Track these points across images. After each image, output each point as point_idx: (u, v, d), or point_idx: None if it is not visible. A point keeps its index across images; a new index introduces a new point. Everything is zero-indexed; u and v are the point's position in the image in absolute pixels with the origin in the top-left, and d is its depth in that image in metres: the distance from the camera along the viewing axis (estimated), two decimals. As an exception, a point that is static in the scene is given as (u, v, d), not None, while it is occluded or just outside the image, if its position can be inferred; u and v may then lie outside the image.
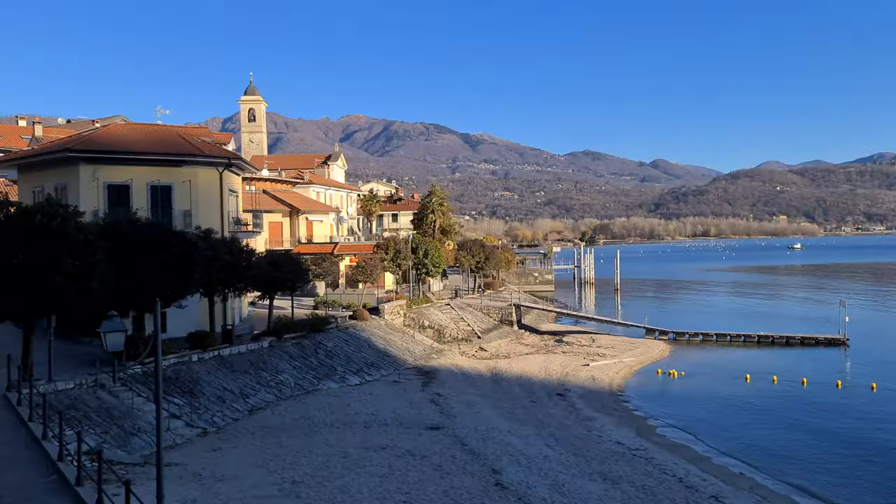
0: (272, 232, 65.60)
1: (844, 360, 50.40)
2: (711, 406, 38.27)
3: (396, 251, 59.27)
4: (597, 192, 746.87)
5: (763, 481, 26.36)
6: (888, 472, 27.13)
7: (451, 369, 44.63)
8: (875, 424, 33.87)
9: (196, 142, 40.68)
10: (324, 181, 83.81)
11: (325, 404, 31.83)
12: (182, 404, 27.33)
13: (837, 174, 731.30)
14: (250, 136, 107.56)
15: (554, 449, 27.01)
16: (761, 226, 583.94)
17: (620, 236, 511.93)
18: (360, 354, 42.75)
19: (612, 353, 53.26)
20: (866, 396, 39.47)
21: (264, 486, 19.92)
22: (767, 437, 32.25)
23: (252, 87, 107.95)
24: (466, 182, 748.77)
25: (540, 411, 34.56)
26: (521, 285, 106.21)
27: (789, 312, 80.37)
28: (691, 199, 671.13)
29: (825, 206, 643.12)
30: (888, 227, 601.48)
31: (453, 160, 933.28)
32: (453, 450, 25.07)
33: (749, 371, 45.95)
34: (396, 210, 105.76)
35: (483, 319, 62.63)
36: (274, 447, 24.12)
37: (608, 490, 22.02)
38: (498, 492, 20.54)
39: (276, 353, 37.16)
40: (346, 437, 25.98)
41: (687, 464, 27.21)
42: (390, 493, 19.67)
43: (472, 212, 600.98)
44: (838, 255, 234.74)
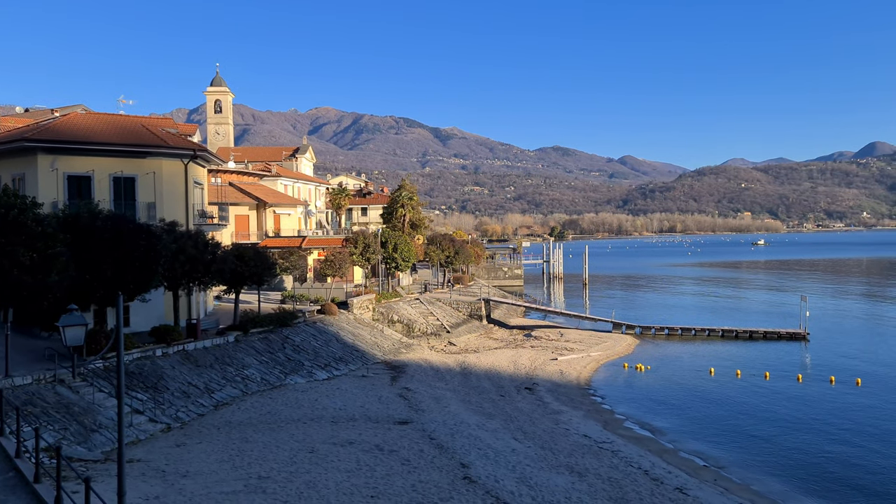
0: (239, 225, 64.80)
1: (805, 354, 51.39)
2: (677, 399, 38.74)
3: (365, 245, 58.94)
4: (566, 187, 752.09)
5: (726, 473, 26.77)
6: (846, 464, 27.71)
7: (421, 364, 44.53)
8: (833, 417, 34.57)
9: (160, 133, 39.94)
10: (292, 174, 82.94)
11: (293, 399, 31.53)
12: (145, 399, 26.85)
13: (800, 172, 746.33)
14: (216, 127, 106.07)
15: (522, 442, 27.08)
16: (726, 222, 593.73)
17: (589, 231, 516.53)
18: (328, 349, 42.44)
19: (579, 347, 53.63)
20: (825, 389, 40.29)
21: (230, 481, 19.65)
22: (731, 430, 32.73)
23: (219, 78, 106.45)
24: (436, 176, 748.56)
25: (508, 405, 34.64)
26: (491, 280, 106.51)
27: (752, 307, 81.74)
28: (658, 195, 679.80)
29: (788, 203, 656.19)
30: (847, 225, 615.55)
31: (423, 154, 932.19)
32: (422, 444, 25.00)
33: (713, 365, 46.65)
34: (366, 204, 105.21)
35: (452, 314, 62.63)
36: (240, 442, 23.81)
37: (575, 483, 22.14)
38: (466, 485, 20.52)
39: (243, 348, 36.72)
40: (313, 433, 25.75)
41: (652, 456, 27.50)
42: (358, 488, 19.53)
43: (442, 206, 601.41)
44: (800, 252, 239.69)
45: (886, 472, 26.63)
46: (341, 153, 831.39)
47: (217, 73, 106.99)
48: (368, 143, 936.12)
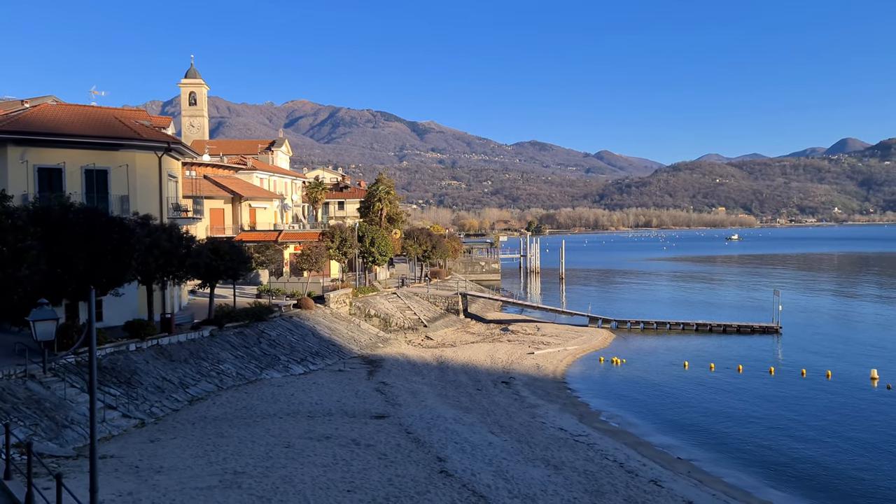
0: (214, 219, 64.20)
1: (777, 348, 52.14)
2: (652, 392, 39.12)
3: (342, 239, 58.71)
4: (543, 182, 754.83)
5: (700, 465, 27.11)
6: (817, 455, 28.18)
7: (397, 358, 44.51)
8: (804, 409, 35.14)
9: (134, 125, 39.39)
10: (268, 167, 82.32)
11: (268, 394, 31.36)
12: (118, 395, 26.54)
13: (773, 167, 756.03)
14: (191, 120, 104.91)
15: (498, 436, 27.18)
16: (701, 217, 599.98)
17: (566, 226, 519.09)
18: (304, 343, 42.25)
19: (556, 341, 53.93)
20: (797, 382, 40.92)
21: (205, 477, 19.50)
22: (705, 423, 33.14)
23: (193, 70, 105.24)
24: (414, 170, 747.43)
25: (485, 399, 34.75)
26: (468, 274, 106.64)
27: (726, 301, 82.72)
28: (634, 190, 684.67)
29: (761, 198, 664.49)
30: (819, 220, 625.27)
31: (400, 148, 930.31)
32: (398, 438, 25.00)
33: (688, 358, 47.16)
34: (343, 198, 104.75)
35: (429, 308, 62.64)
36: (215, 438, 23.63)
37: (551, 476, 22.27)
38: (443, 479, 20.56)
39: (218, 343, 36.44)
40: (289, 427, 25.63)
41: (628, 449, 27.76)
42: (334, 483, 19.49)
43: (420, 200, 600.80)
44: (773, 247, 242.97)
45: (853, 464, 27.13)
46: (318, 147, 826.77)
47: (192, 65, 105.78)
48: (345, 137, 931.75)
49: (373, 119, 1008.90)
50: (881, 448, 28.89)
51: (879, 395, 37.66)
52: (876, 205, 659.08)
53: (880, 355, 47.60)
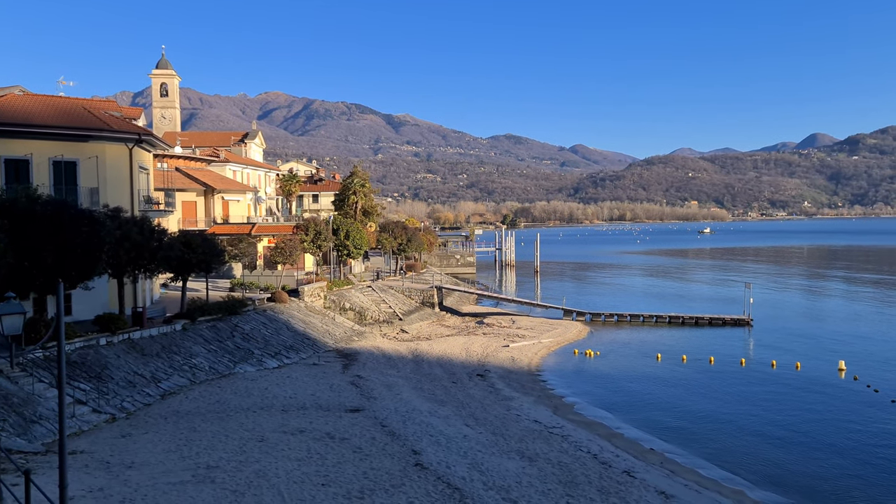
0: (186, 211, 63.48)
1: (748, 340, 52.89)
2: (625, 384, 39.48)
3: (317, 232, 58.37)
4: (518, 175, 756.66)
5: (672, 456, 27.42)
6: (787, 445, 28.67)
7: (372, 351, 44.42)
8: (774, 400, 35.70)
9: (103, 116, 38.75)
10: (241, 160, 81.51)
11: (242, 388, 31.12)
12: (88, 389, 26.17)
13: (745, 162, 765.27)
14: (162, 111, 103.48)
15: (473, 429, 27.26)
16: (674, 210, 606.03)
17: (541, 219, 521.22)
18: (278, 337, 41.99)
19: (531, 334, 54.18)
20: (767, 373, 41.56)
21: (177, 471, 19.31)
22: (677, 414, 33.53)
23: (164, 61, 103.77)
24: (389, 163, 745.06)
25: (460, 392, 34.82)
26: (443, 267, 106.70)
27: (698, 294, 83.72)
28: (608, 183, 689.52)
29: (733, 192, 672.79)
30: (789, 213, 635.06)
31: (375, 141, 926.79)
32: (373, 432, 24.96)
33: (660, 350, 47.67)
34: (317, 191, 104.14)
35: (405, 301, 62.58)
36: (187, 432, 23.41)
37: (525, 468, 22.39)
38: (418, 472, 20.58)
39: (190, 337, 36.07)
40: (263, 421, 25.46)
41: (601, 440, 27.99)
42: (308, 477, 19.41)
43: (395, 193, 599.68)
44: (744, 240, 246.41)
45: (820, 451, 27.64)
46: (292, 139, 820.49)
47: (163, 56, 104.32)
48: (320, 129, 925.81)
49: (347, 111, 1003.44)
50: (848, 437, 29.45)
51: (846, 386, 38.39)
52: (844, 199, 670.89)
53: (847, 347, 48.50)
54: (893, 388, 37.18)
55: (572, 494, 20.23)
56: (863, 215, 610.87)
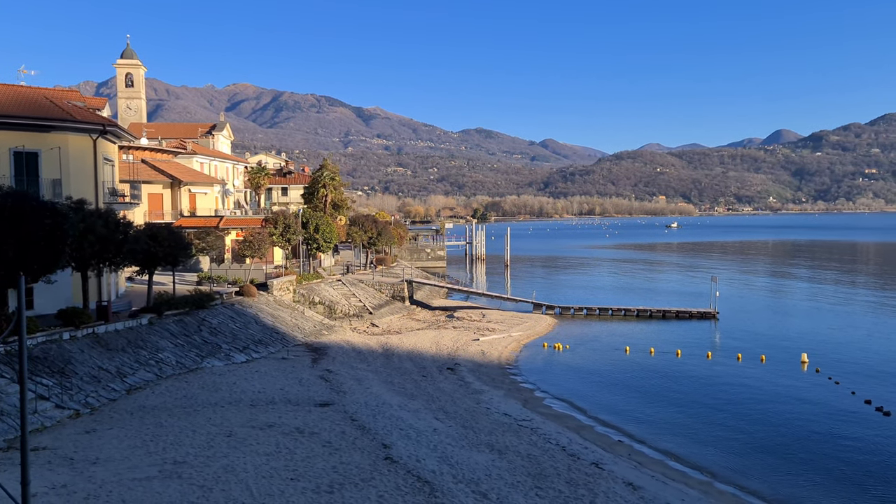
0: (152, 204, 62.47)
1: (714, 333, 53.71)
2: (594, 377, 39.86)
3: (286, 226, 57.87)
4: (489, 169, 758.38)
5: (640, 448, 27.78)
6: (752, 437, 29.20)
7: (342, 345, 44.24)
8: (740, 393, 36.32)
9: (66, 105, 37.92)
10: (208, 152, 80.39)
11: (210, 383, 30.78)
12: (51, 385, 25.66)
13: (712, 157, 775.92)
14: (128, 102, 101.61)
15: (443, 422, 27.31)
16: (642, 205, 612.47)
17: (511, 214, 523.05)
18: (246, 331, 41.60)
19: (501, 327, 54.40)
20: (733, 366, 42.25)
21: (143, 467, 19.07)
22: (645, 406, 33.95)
23: (129, 51, 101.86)
24: (359, 157, 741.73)
25: (430, 386, 34.84)
26: (414, 261, 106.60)
27: (666, 287, 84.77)
28: (578, 178, 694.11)
29: (700, 187, 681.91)
30: (755, 208, 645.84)
31: (345, 134, 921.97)
32: (343, 426, 24.87)
33: (629, 343, 48.20)
34: (286, 184, 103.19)
35: (375, 295, 62.40)
36: (154, 428, 23.10)
37: (495, 460, 22.50)
38: (388, 466, 20.56)
39: (157, 331, 35.56)
40: (231, 416, 25.23)
41: (570, 433, 28.23)
42: (277, 471, 19.29)
43: (365, 187, 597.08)
44: (711, 234, 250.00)
45: (785, 442, 28.20)
46: (260, 131, 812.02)
47: (128, 45, 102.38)
48: (289, 122, 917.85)
49: (317, 104, 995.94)
50: (810, 428, 30.08)
51: (809, 378, 39.20)
52: (808, 194, 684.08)
53: (810, 340, 49.51)
54: (853, 380, 38.06)
55: (541, 486, 20.38)
56: (825, 210, 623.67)
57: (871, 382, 37.50)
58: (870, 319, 59.17)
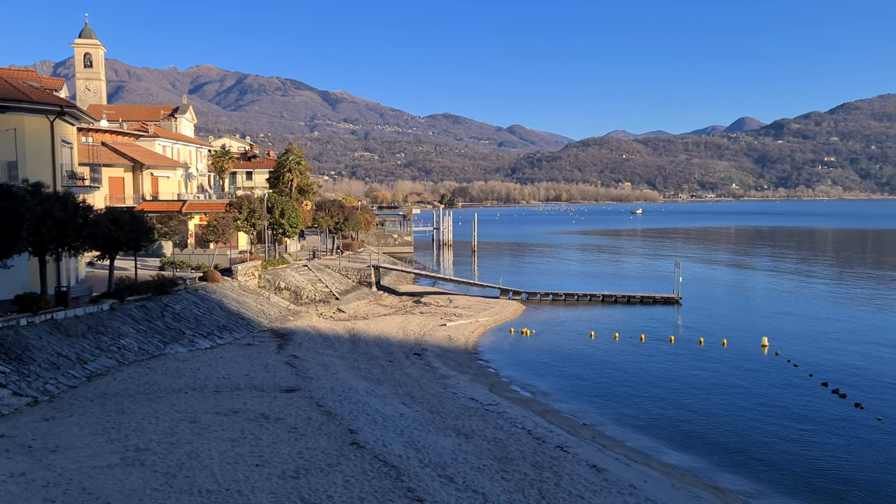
0: (113, 188, 61.25)
1: (677, 317, 54.53)
2: (560, 362, 40.22)
3: (251, 210, 57.18)
4: (456, 155, 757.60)
5: (604, 430, 28.16)
6: (712, 419, 29.78)
7: (308, 331, 43.97)
8: (702, 375, 36.98)
9: (21, 86, 36.85)
10: (171, 135, 78.97)
11: (173, 369, 30.37)
12: (8, 372, 25.07)
13: (676, 144, 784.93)
14: (87, 83, 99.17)
15: (410, 407, 27.34)
16: (608, 191, 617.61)
17: (478, 199, 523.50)
18: (210, 317, 41.10)
19: (468, 313, 54.55)
20: (695, 350, 42.98)
21: (105, 455, 18.78)
22: (609, 390, 34.38)
23: (88, 30, 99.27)
24: (325, 141, 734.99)
25: (397, 371, 34.84)
26: (381, 247, 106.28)
27: (631, 273, 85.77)
28: (545, 164, 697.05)
29: (665, 173, 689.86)
30: (718, 195, 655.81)
31: (312, 118, 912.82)
32: (309, 411, 24.76)
33: (594, 328, 48.71)
34: (251, 168, 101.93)
35: (341, 281, 62.09)
36: (115, 415, 22.74)
37: (461, 445, 22.61)
38: (354, 451, 20.53)
39: (118, 317, 34.94)
40: (195, 403, 24.94)
41: (536, 417, 28.48)
42: (242, 457, 19.14)
43: (332, 172, 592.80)
44: (675, 220, 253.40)
45: (745, 423, 28.81)
46: (224, 114, 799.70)
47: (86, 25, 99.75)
48: (253, 105, 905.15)
49: (282, 87, 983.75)
50: (769, 407, 30.78)
51: (768, 361, 40.06)
52: (769, 181, 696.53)
53: (770, 324, 50.56)
54: (811, 362, 39.00)
55: (507, 469, 20.54)
56: (786, 198, 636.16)
57: (828, 365, 38.47)
58: (827, 304, 60.61)
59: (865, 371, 37.33)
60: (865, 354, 41.21)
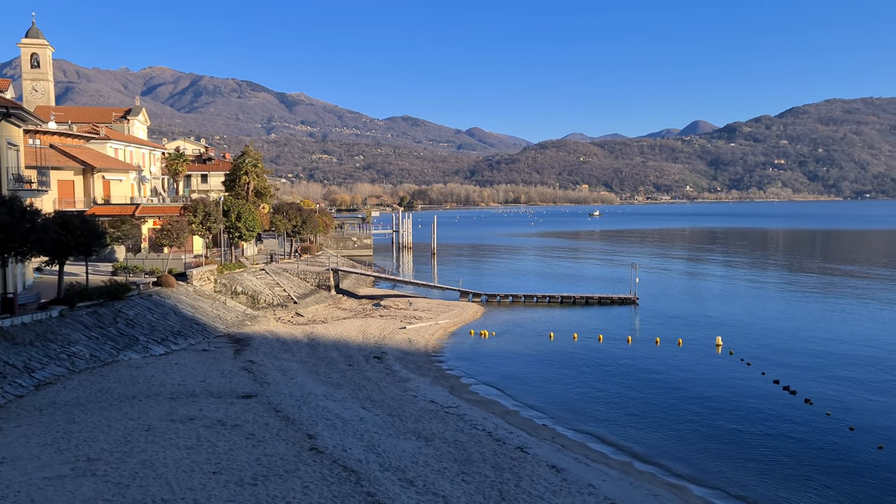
0: (62, 191, 59.61)
1: (634, 318, 55.28)
2: (519, 363, 40.41)
3: (206, 214, 56.21)
4: (415, 157, 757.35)
5: (563, 431, 28.35)
6: (669, 417, 30.22)
7: (266, 336, 43.40)
8: (659, 375, 37.53)
9: (-34, 86, 35.66)
10: (123, 137, 77.23)
11: (127, 376, 29.67)
12: (-48, 383, 24.21)
13: (632, 147, 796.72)
14: (34, 83, 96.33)
15: (370, 411, 27.16)
16: (566, 193, 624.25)
17: (438, 202, 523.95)
18: (165, 322, 40.28)
19: (428, 315, 54.48)
20: (651, 350, 43.62)
21: (54, 466, 18.23)
22: (568, 390, 34.65)
23: (35, 30, 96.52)
24: (283, 143, 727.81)
25: (357, 375, 34.60)
26: (340, 250, 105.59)
27: (589, 274, 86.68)
28: (504, 167, 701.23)
29: (621, 176, 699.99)
30: (673, 197, 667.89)
31: (268, 120, 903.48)
32: (267, 417, 24.41)
33: (553, 329, 49.06)
34: (206, 171, 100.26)
35: (300, 284, 61.46)
36: (65, 424, 22.11)
37: (421, 447, 22.53)
38: (313, 456, 20.30)
39: (69, 323, 34.01)
40: (149, 410, 24.38)
41: (496, 418, 28.54)
42: (198, 465, 18.77)
43: (289, 174, 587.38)
44: (631, 222, 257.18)
45: (700, 419, 29.32)
46: (179, 116, 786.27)
47: (33, 24, 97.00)
48: (208, 107, 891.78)
49: (238, 89, 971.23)
50: (725, 405, 31.37)
51: (722, 360, 40.85)
52: (722, 183, 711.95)
53: (724, 324, 51.58)
54: (763, 360, 39.91)
55: (467, 472, 20.53)
56: (739, 199, 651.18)
57: (780, 363, 39.40)
58: (778, 303, 62.11)
59: (814, 368, 38.34)
60: (814, 352, 42.33)
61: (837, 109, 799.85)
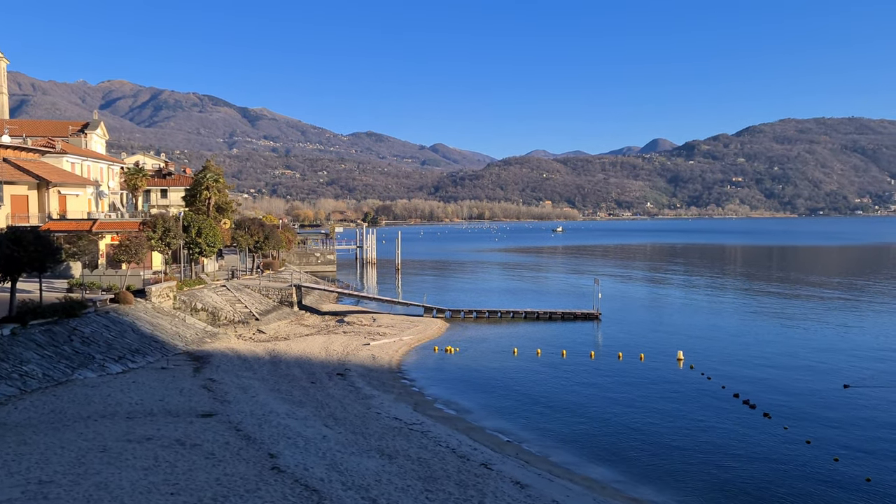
0: (16, 206, 58.22)
1: (597, 333, 55.72)
2: (484, 379, 40.38)
3: (165, 229, 55.29)
4: (379, 173, 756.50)
5: (527, 447, 28.34)
6: (630, 431, 30.43)
7: (227, 353, 42.71)
8: (621, 389, 37.82)
9: (-85, 97, 34.66)
10: (81, 151, 75.76)
11: (81, 396, 28.89)
12: None
13: (594, 164, 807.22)
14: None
15: (333, 429, 26.84)
16: (529, 210, 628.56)
17: (402, 217, 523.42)
18: (122, 340, 39.40)
19: (392, 331, 54.22)
20: (614, 364, 43.97)
21: (5, 489, 17.62)
22: (532, 406, 34.69)
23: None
24: (245, 158, 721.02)
25: (319, 392, 34.20)
26: (303, 265, 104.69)
27: (552, 289, 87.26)
28: (468, 182, 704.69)
29: (584, 192, 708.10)
30: (634, 213, 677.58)
31: (230, 135, 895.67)
32: (227, 436, 23.96)
33: (517, 345, 49.20)
34: (166, 185, 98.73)
35: (262, 301, 60.72)
36: (16, 445, 21.40)
37: (385, 465, 22.32)
38: (274, 476, 19.96)
39: (21, 342, 33.05)
40: (105, 430, 23.75)
41: (460, 435, 28.43)
42: (156, 486, 18.30)
43: (252, 190, 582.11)
44: (594, 238, 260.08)
45: (662, 433, 29.58)
46: (138, 130, 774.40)
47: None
48: (169, 121, 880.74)
49: (199, 103, 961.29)
50: (686, 420, 31.72)
51: (684, 375, 41.35)
52: (682, 200, 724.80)
53: (685, 339, 52.24)
54: (723, 375, 40.48)
55: (431, 489, 20.37)
56: (698, 216, 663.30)
57: (739, 377, 40.01)
58: (737, 318, 63.21)
59: (773, 382, 39.01)
60: (773, 366, 43.10)
61: (792, 129, 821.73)
